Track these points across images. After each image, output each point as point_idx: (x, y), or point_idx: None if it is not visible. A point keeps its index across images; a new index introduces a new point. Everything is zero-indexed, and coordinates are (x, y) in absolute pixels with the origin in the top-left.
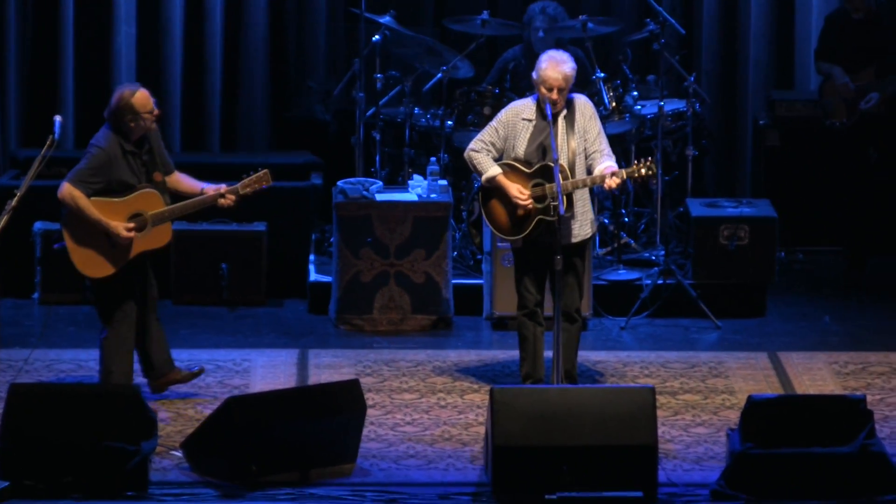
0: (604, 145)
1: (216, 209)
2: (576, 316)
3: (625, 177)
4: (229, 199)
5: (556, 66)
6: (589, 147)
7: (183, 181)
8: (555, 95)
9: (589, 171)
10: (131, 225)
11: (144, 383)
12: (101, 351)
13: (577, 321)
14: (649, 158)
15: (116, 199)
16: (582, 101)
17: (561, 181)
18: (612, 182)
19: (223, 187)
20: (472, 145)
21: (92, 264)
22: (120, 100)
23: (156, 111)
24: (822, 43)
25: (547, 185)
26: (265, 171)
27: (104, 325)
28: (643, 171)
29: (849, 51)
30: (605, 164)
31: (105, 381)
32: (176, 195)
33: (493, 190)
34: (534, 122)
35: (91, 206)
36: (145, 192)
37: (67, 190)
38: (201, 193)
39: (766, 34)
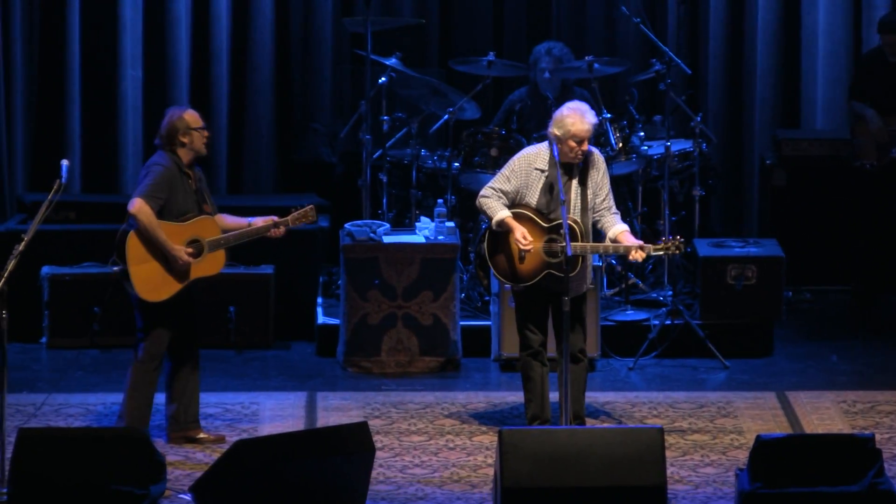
0: (610, 201)
1: (230, 249)
2: (580, 356)
3: (652, 253)
4: (281, 230)
5: (582, 118)
6: (598, 203)
7: (228, 219)
8: (583, 148)
9: (595, 227)
10: (190, 250)
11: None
12: (129, 380)
13: (583, 361)
14: (679, 237)
15: (175, 223)
16: (597, 156)
17: (579, 242)
18: (637, 255)
19: (274, 219)
20: (483, 191)
21: (149, 286)
22: (171, 119)
23: (206, 132)
24: (856, 82)
25: (562, 246)
26: (311, 206)
27: (135, 355)
28: (671, 249)
29: (882, 93)
30: (620, 227)
31: (123, 415)
32: (224, 232)
33: (501, 235)
34: (546, 173)
35: (159, 225)
36: (203, 219)
37: (139, 205)
38: (249, 226)
39: (771, 73)
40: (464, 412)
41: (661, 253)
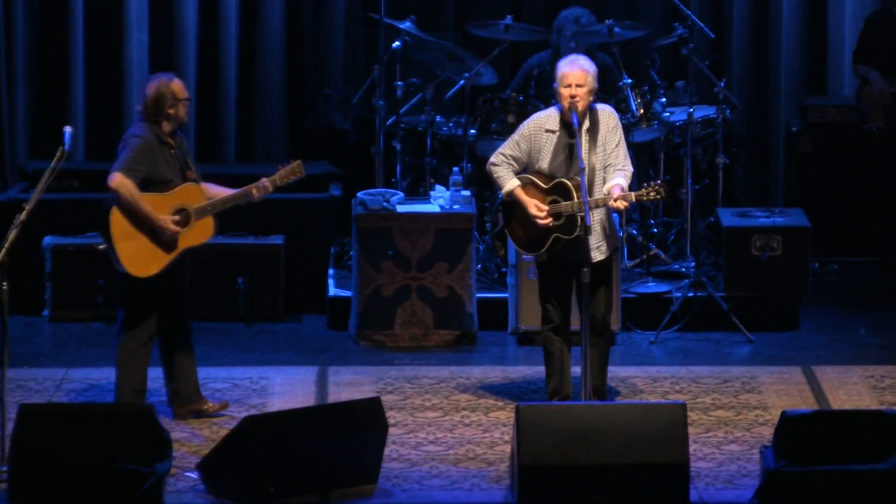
0: (620, 158)
1: (235, 218)
2: (603, 330)
3: (633, 199)
4: (269, 188)
5: (572, 62)
6: (606, 159)
7: (212, 189)
8: (573, 91)
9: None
10: (177, 218)
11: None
12: (116, 360)
13: (605, 335)
14: (659, 182)
15: (158, 194)
16: (606, 112)
17: (575, 197)
18: (617, 204)
19: (262, 180)
20: (493, 158)
21: (137, 261)
22: (158, 87)
23: (188, 101)
24: (861, 44)
25: (563, 203)
26: (298, 161)
27: (121, 331)
28: (652, 195)
29: (889, 52)
30: (614, 181)
31: (117, 396)
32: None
33: (514, 204)
34: (557, 134)
35: (142, 197)
36: (187, 186)
37: (119, 179)
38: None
39: (797, 38)
40: (480, 387)
41: (644, 200)
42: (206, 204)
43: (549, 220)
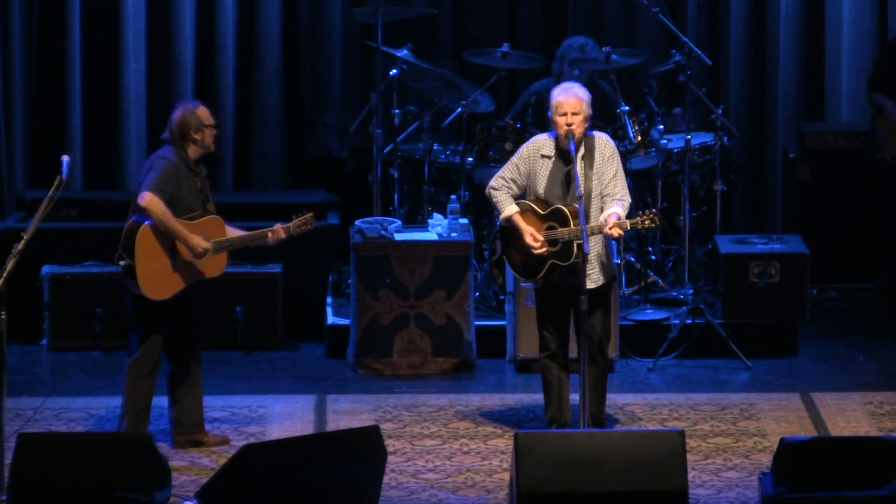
0: (618, 188)
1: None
2: (599, 359)
3: (628, 227)
4: (281, 235)
5: (567, 90)
6: (604, 189)
7: (227, 227)
8: (569, 119)
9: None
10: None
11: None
12: (125, 382)
13: (601, 364)
14: (654, 210)
15: (183, 221)
16: (602, 140)
17: (572, 225)
18: (612, 231)
19: (277, 226)
20: (492, 182)
21: (154, 283)
22: (183, 113)
23: (215, 129)
24: (877, 72)
25: (559, 229)
26: (311, 214)
27: (132, 355)
28: (647, 223)
29: None
30: (611, 210)
31: (122, 418)
32: None
33: (512, 229)
34: (552, 160)
35: (173, 216)
36: (211, 218)
37: (150, 198)
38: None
39: (795, 64)
40: (478, 415)
41: (639, 227)
42: (225, 239)
43: (545, 249)
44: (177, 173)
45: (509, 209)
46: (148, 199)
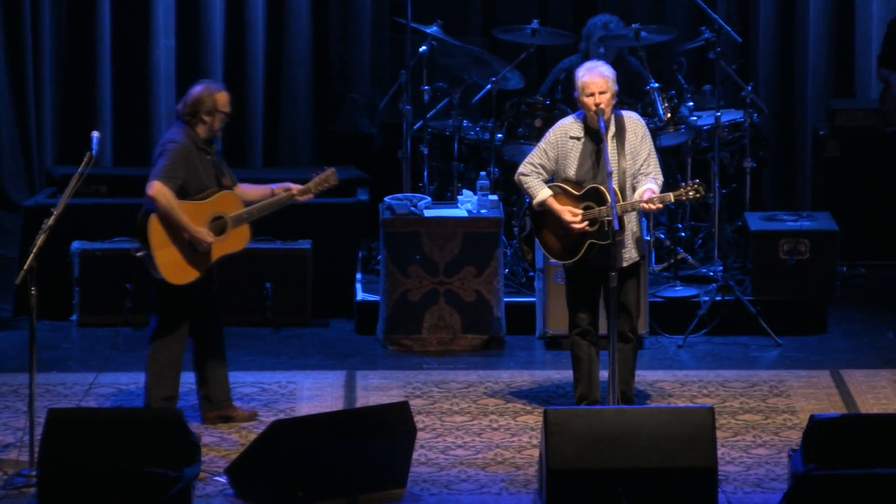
0: (651, 167)
1: (263, 223)
2: (629, 335)
3: (672, 199)
4: (306, 197)
5: (591, 70)
6: (638, 168)
7: (250, 189)
8: (597, 99)
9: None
10: (211, 236)
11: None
12: (147, 365)
13: (632, 341)
14: (697, 181)
15: (196, 202)
16: (633, 120)
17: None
18: (648, 205)
19: (291, 186)
20: (521, 168)
21: (176, 269)
22: (202, 92)
23: (227, 117)
24: (885, 48)
25: (597, 208)
26: (332, 169)
27: (154, 337)
28: (691, 194)
29: None
30: (645, 185)
31: (146, 402)
32: (247, 204)
33: (545, 213)
34: (582, 141)
35: (179, 208)
36: (224, 194)
37: (158, 187)
38: (272, 194)
39: (824, 41)
40: (508, 391)
41: (682, 199)
42: (243, 212)
43: (585, 224)
44: (187, 156)
45: (543, 192)
46: (156, 188)
